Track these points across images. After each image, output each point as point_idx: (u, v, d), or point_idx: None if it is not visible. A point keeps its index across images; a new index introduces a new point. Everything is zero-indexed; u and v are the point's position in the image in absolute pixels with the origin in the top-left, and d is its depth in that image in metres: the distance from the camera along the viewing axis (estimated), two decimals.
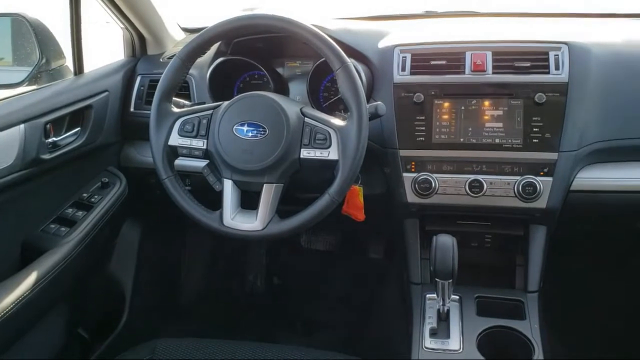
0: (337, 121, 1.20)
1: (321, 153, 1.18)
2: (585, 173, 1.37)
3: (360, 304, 2.08)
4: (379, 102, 1.25)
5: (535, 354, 1.21)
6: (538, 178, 1.33)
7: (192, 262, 2.19)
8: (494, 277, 1.49)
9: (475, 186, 1.36)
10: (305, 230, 1.21)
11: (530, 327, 1.27)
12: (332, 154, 1.18)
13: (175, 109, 1.27)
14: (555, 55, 1.36)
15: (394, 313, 1.57)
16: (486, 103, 1.37)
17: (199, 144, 1.24)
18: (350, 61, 1.18)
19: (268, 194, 1.20)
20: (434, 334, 1.28)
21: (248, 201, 1.24)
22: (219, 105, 1.26)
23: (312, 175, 1.30)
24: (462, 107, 1.38)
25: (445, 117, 1.38)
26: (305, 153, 1.19)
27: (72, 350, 1.65)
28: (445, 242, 1.20)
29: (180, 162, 1.30)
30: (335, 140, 1.18)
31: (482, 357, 1.19)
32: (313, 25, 1.22)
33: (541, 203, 1.34)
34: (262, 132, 1.19)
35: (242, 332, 2.11)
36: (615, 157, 1.38)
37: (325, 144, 1.18)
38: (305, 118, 1.21)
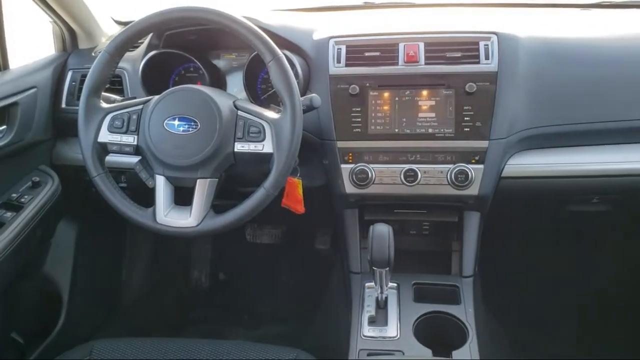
0: (271, 114, 1.20)
1: (255, 146, 1.18)
2: (515, 160, 1.41)
3: (307, 296, 2.09)
4: (313, 95, 1.25)
5: (470, 337, 1.24)
6: (470, 166, 1.36)
7: (133, 260, 2.15)
8: (432, 264, 1.52)
9: (410, 175, 1.38)
10: (241, 224, 1.19)
11: (465, 311, 1.31)
12: (266, 147, 1.17)
13: (105, 105, 1.24)
14: (485, 45, 1.39)
15: (340, 303, 1.58)
16: (420, 93, 1.39)
17: (130, 139, 1.22)
18: (282, 53, 1.17)
19: (202, 189, 1.18)
20: (372, 322, 1.30)
21: (183, 197, 1.23)
22: (149, 100, 1.23)
23: (249, 168, 1.29)
24: (397, 98, 1.40)
25: (381, 108, 1.40)
26: (239, 147, 1.18)
27: (7, 355, 1.59)
28: (382, 231, 1.22)
29: (111, 158, 1.28)
30: (269, 133, 1.17)
31: (418, 343, 1.22)
32: (246, 17, 1.21)
33: (473, 190, 1.37)
34: (194, 127, 1.18)
35: (188, 329, 2.09)
36: (543, 144, 1.43)
37: (259, 137, 1.18)
38: (239, 111, 1.20)
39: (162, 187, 1.20)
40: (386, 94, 1.40)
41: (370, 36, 1.46)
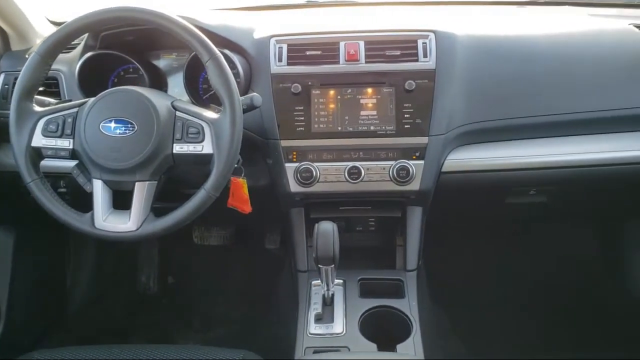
0: (210, 114, 1.19)
1: (195, 147, 1.17)
2: (454, 155, 1.45)
3: (258, 296, 2.08)
4: (254, 94, 1.25)
5: (413, 329, 1.27)
6: (411, 162, 1.39)
7: (77, 267, 2.09)
8: (378, 259, 1.54)
9: (354, 173, 1.40)
10: (182, 227, 1.18)
11: (409, 305, 1.33)
12: (206, 147, 1.16)
13: (38, 108, 1.21)
14: (423, 43, 1.42)
15: (290, 302, 1.58)
16: (361, 92, 1.41)
17: (65, 143, 1.18)
18: (220, 52, 1.17)
19: (141, 192, 1.17)
20: (319, 319, 1.31)
21: (123, 201, 1.20)
22: (84, 103, 1.20)
23: (191, 170, 1.28)
24: (339, 96, 1.41)
25: (323, 106, 1.41)
26: (177, 148, 1.17)
27: None
28: (326, 229, 1.22)
29: (47, 163, 1.24)
30: (208, 133, 1.16)
31: (363, 338, 1.23)
32: (183, 17, 1.20)
33: (415, 185, 1.40)
34: (131, 129, 1.16)
35: (137, 335, 2.06)
36: (481, 138, 1.47)
37: (199, 137, 1.17)
38: (177, 112, 1.19)
39: (99, 192, 1.18)
40: (328, 93, 1.41)
41: (311, 35, 1.46)
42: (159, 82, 1.55)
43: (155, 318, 2.14)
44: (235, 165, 1.32)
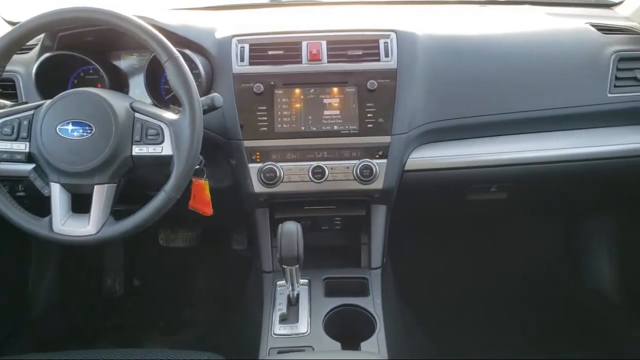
0: (170, 115, 1.18)
1: (154, 149, 1.16)
2: (417, 153, 1.46)
3: (225, 298, 2.07)
4: (215, 94, 1.24)
5: (377, 327, 1.28)
6: (374, 161, 1.40)
7: (40, 271, 2.05)
8: (343, 258, 1.55)
9: (318, 172, 1.40)
10: (143, 229, 1.17)
11: (373, 303, 1.34)
12: (165, 149, 1.15)
13: None
14: (384, 42, 1.43)
15: (256, 303, 1.58)
16: (324, 91, 1.41)
17: (21, 147, 1.16)
18: (178, 53, 1.16)
19: (100, 195, 1.15)
20: (284, 319, 1.30)
21: (82, 204, 1.18)
22: (41, 105, 1.18)
23: (151, 172, 1.26)
24: (302, 96, 1.41)
25: (286, 106, 1.41)
26: (137, 150, 1.16)
27: None
28: (290, 229, 1.22)
29: (2, 167, 1.22)
30: (168, 135, 1.16)
31: (327, 337, 1.24)
32: (141, 17, 1.18)
33: (378, 184, 1.41)
34: (89, 131, 1.14)
35: (102, 339, 2.02)
36: (443, 137, 1.49)
37: (158, 139, 1.16)
38: (136, 113, 1.18)
39: (57, 195, 1.16)
40: (291, 92, 1.41)
41: (274, 34, 1.46)
42: (120, 83, 1.52)
43: (122, 321, 2.11)
44: (197, 167, 1.32)
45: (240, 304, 1.83)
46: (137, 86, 1.56)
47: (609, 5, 1.82)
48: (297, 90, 1.41)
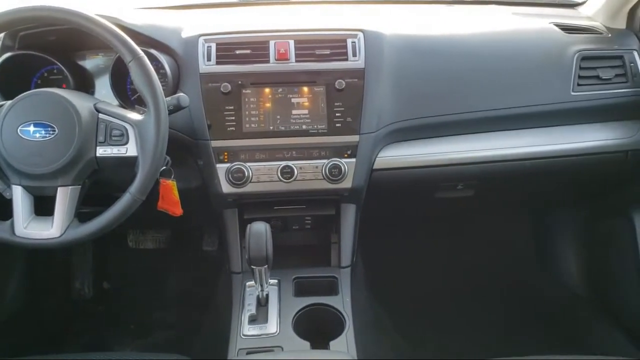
0: (135, 115, 1.17)
1: (119, 150, 1.14)
2: (385, 152, 1.47)
3: (196, 299, 2.05)
4: (181, 94, 1.23)
5: (347, 325, 1.28)
6: (343, 160, 1.40)
7: (5, 274, 2.00)
8: (314, 257, 1.55)
9: (287, 172, 1.40)
10: (109, 231, 1.15)
11: (342, 301, 1.35)
12: (130, 150, 1.14)
13: None
14: (352, 42, 1.43)
15: (227, 305, 1.57)
16: (292, 91, 1.41)
17: None
18: (142, 53, 1.15)
19: (63, 197, 1.13)
20: (253, 320, 1.30)
21: (45, 207, 1.16)
22: (1, 106, 1.15)
23: (117, 173, 1.25)
24: (270, 96, 1.41)
25: (254, 106, 1.40)
26: (101, 151, 1.14)
27: None
28: (259, 229, 1.22)
29: None
30: (132, 135, 1.14)
31: (297, 337, 1.24)
32: (105, 16, 1.17)
33: (347, 183, 1.41)
34: (51, 132, 1.12)
35: (71, 343, 1.99)
36: (411, 136, 1.50)
37: (122, 140, 1.15)
38: (100, 114, 1.16)
39: (19, 198, 1.13)
40: (259, 92, 1.40)
41: (241, 34, 1.45)
42: (85, 83, 1.50)
43: (91, 325, 2.08)
44: (164, 167, 1.31)
45: (211, 305, 1.82)
46: (103, 87, 1.53)
47: (572, 5, 1.86)
48: (265, 90, 1.40)
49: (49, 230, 1.12)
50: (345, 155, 1.41)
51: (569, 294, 2.00)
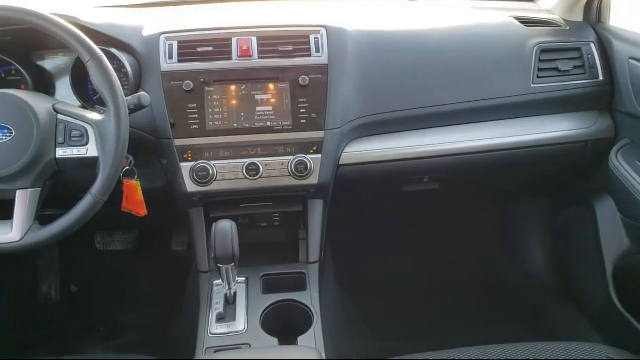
0: (95, 116, 1.15)
1: (79, 151, 1.13)
2: (351, 147, 1.48)
3: (166, 300, 2.03)
4: (142, 93, 1.22)
5: (314, 320, 1.29)
6: (309, 156, 1.40)
7: None
8: (282, 254, 1.55)
9: (252, 169, 1.39)
10: (71, 234, 1.13)
11: (310, 296, 1.35)
12: (90, 150, 1.13)
13: None
14: (315, 38, 1.44)
15: (196, 304, 1.57)
16: (256, 87, 1.41)
17: None
18: (101, 52, 1.13)
19: (23, 200, 1.11)
20: (221, 318, 1.29)
21: (5, 210, 1.14)
22: None
23: (78, 174, 1.23)
24: (233, 93, 1.40)
25: (217, 103, 1.39)
26: (61, 152, 1.12)
27: None
28: (224, 227, 1.21)
29: None
30: (93, 136, 1.13)
31: (265, 334, 1.24)
32: (62, 15, 1.15)
33: (313, 179, 1.41)
34: (8, 134, 1.10)
35: (40, 348, 1.96)
36: (376, 131, 1.51)
37: (83, 140, 1.13)
38: (59, 115, 1.14)
39: None
40: (222, 89, 1.40)
41: (203, 31, 1.44)
42: (45, 84, 1.47)
43: (60, 329, 2.04)
44: (128, 168, 1.30)
45: (180, 305, 1.81)
46: (64, 87, 1.50)
47: None
48: (228, 87, 1.40)
49: (9, 234, 1.10)
50: (311, 151, 1.41)
51: (535, 283, 2.04)
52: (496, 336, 1.43)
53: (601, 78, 1.59)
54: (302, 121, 1.41)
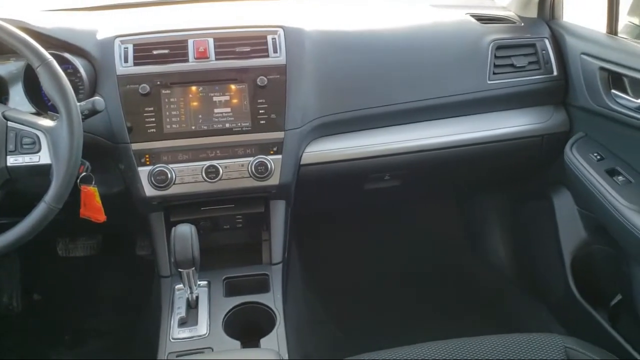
0: (47, 122, 1.13)
1: (31, 158, 1.10)
2: (312, 147, 1.48)
3: (131, 306, 2.01)
4: (96, 98, 1.21)
5: (277, 321, 1.29)
6: (269, 157, 1.40)
7: None
8: (246, 256, 1.54)
9: (212, 172, 1.38)
10: (25, 242, 1.11)
11: (273, 298, 1.35)
12: (43, 158, 1.11)
13: None
14: (272, 38, 1.44)
15: (158, 309, 1.55)
16: (213, 89, 1.39)
17: None
18: (51, 57, 1.11)
19: None
20: (183, 323, 1.28)
21: None
22: None
23: (32, 182, 1.20)
24: (190, 95, 1.39)
25: (175, 106, 1.38)
26: (12, 160, 1.10)
27: None
28: (184, 231, 1.20)
29: None
30: (45, 143, 1.11)
31: (227, 337, 1.23)
32: (8, 19, 1.13)
33: (274, 180, 1.41)
34: None
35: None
36: (336, 130, 1.51)
37: (34, 148, 1.11)
38: (8, 122, 1.11)
39: None
40: (179, 92, 1.38)
41: (158, 33, 1.43)
42: None
43: (23, 339, 2.00)
44: (85, 174, 1.28)
45: (145, 310, 1.79)
46: (17, 93, 1.46)
47: None
48: (186, 89, 1.38)
49: None
50: (271, 152, 1.41)
51: (499, 276, 2.07)
52: (460, 330, 1.45)
53: (555, 73, 1.62)
54: (262, 122, 1.40)
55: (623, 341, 1.48)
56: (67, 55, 1.34)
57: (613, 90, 1.45)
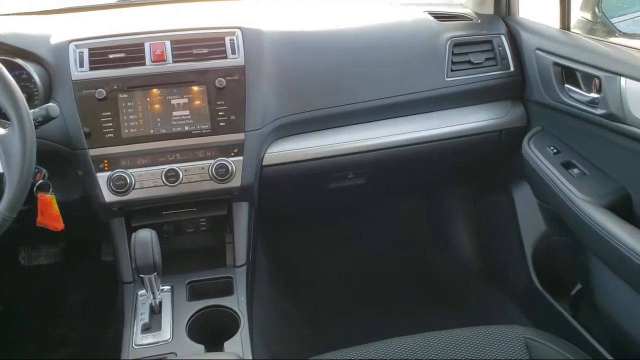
0: None
1: None
2: (273, 148, 1.48)
3: (96, 313, 1.98)
4: (50, 104, 1.18)
5: (241, 324, 1.28)
6: (230, 159, 1.39)
7: None
8: (210, 259, 1.53)
9: (171, 175, 1.37)
10: None
11: (237, 300, 1.35)
12: None
13: None
14: (230, 40, 1.43)
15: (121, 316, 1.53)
16: (171, 92, 1.38)
17: None
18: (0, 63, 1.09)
19: None
20: (147, 329, 1.27)
21: None
22: None
23: None
24: (148, 99, 1.37)
25: (132, 110, 1.36)
26: None
27: None
28: (144, 236, 1.19)
29: None
30: None
31: (190, 341, 1.22)
32: None
33: (236, 182, 1.40)
34: None
35: None
36: (298, 130, 1.52)
37: None
38: None
39: None
40: (136, 95, 1.37)
41: (114, 37, 1.41)
42: None
43: None
44: (41, 181, 1.26)
45: (111, 317, 1.76)
46: None
47: None
48: (143, 93, 1.37)
49: None
50: (232, 154, 1.40)
51: (464, 269, 2.10)
52: (428, 325, 1.47)
53: (512, 69, 1.65)
54: (221, 124, 1.39)
55: (584, 331, 1.52)
56: (19, 61, 1.32)
57: (567, 85, 1.49)
